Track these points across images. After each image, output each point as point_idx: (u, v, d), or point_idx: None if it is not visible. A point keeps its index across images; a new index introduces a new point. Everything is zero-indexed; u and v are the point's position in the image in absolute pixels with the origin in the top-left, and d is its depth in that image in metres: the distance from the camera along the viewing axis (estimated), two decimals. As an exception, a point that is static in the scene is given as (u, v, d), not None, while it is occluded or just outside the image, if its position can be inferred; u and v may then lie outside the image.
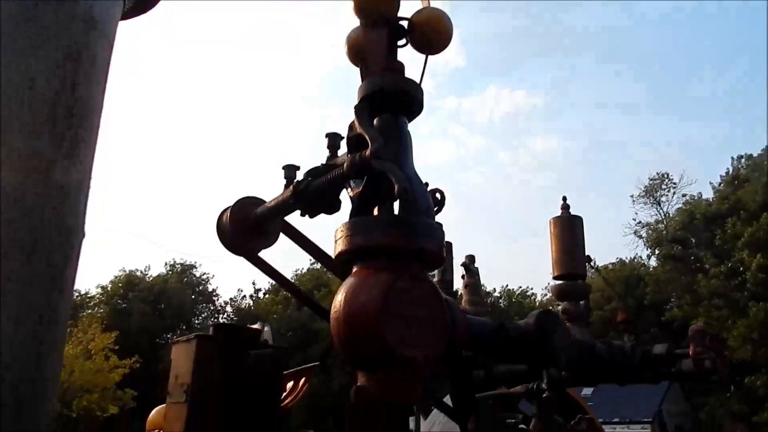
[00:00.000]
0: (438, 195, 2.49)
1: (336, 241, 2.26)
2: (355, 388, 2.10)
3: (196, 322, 62.50)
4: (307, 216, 2.70)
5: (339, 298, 2.12)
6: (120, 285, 59.24)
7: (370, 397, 2.06)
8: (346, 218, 2.32)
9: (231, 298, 62.69)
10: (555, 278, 3.66)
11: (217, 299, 64.22)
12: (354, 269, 2.23)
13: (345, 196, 2.61)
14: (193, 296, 64.27)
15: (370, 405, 2.09)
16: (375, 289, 2.04)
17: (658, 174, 47.53)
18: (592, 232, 3.81)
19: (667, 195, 45.91)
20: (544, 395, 3.39)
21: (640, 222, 45.76)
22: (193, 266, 64.60)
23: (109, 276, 60.67)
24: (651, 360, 3.22)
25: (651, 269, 41.25)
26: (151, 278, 62.14)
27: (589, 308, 3.65)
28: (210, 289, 64.87)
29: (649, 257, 44.20)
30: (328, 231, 2.41)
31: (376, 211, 2.33)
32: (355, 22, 2.63)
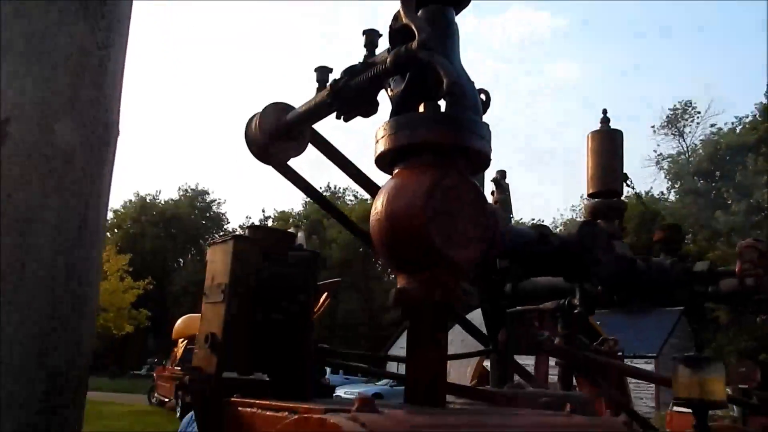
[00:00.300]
0: (483, 96, 2.37)
1: (377, 142, 2.16)
2: (395, 291, 2.03)
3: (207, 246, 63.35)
4: (342, 119, 2.59)
5: (380, 200, 2.03)
6: (133, 209, 59.99)
7: (413, 299, 2.00)
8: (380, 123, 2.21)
9: (240, 225, 63.47)
10: (590, 196, 3.56)
11: (227, 224, 65.12)
12: (395, 171, 2.14)
13: (382, 100, 2.52)
14: (203, 221, 65.19)
15: (412, 307, 2.03)
16: (420, 188, 1.95)
17: (680, 103, 46.12)
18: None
19: (690, 125, 44.62)
20: (576, 311, 3.35)
21: (660, 154, 44.75)
22: (205, 192, 65.27)
23: (120, 200, 61.47)
24: (691, 277, 3.14)
25: (667, 203, 40.67)
26: (162, 203, 62.91)
27: (623, 227, 3.56)
28: (221, 213, 65.68)
29: (669, 191, 43.46)
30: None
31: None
32: None
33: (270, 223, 58.50)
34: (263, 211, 62.51)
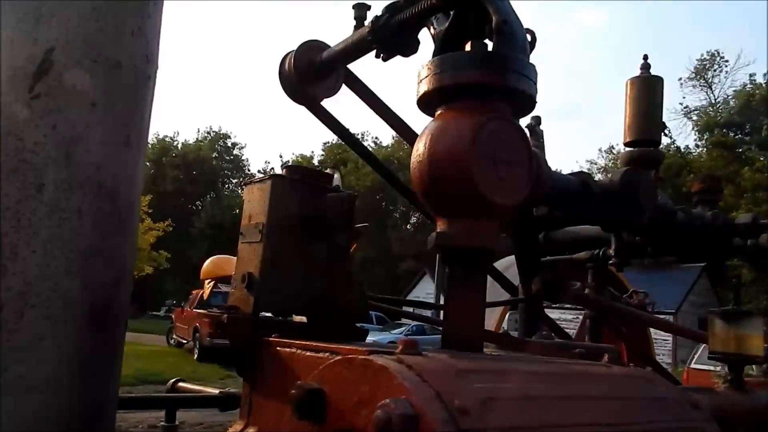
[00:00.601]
0: (529, 36, 2.28)
1: (420, 82, 2.09)
2: (435, 235, 2.00)
3: (226, 189, 64.13)
4: (381, 58, 2.53)
5: (422, 142, 1.97)
6: (151, 151, 60.22)
7: (452, 245, 1.96)
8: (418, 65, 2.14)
9: (259, 170, 63.80)
10: (626, 144, 3.47)
11: (247, 168, 65.47)
12: (438, 112, 2.07)
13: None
14: (224, 164, 65.55)
15: (452, 252, 2.00)
16: (465, 130, 1.89)
17: (708, 53, 45.25)
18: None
19: (718, 76, 43.74)
20: (611, 261, 3.30)
21: (686, 107, 43.95)
22: (227, 135, 65.44)
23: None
24: (732, 230, 3.06)
25: (692, 157, 39.97)
26: (180, 144, 63.18)
27: (660, 178, 3.48)
28: (241, 157, 66.00)
29: (697, 146, 42.67)
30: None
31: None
32: None
33: (287, 169, 58.99)
34: (281, 156, 62.59)
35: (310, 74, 2.87)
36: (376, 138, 63.96)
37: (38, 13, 1.82)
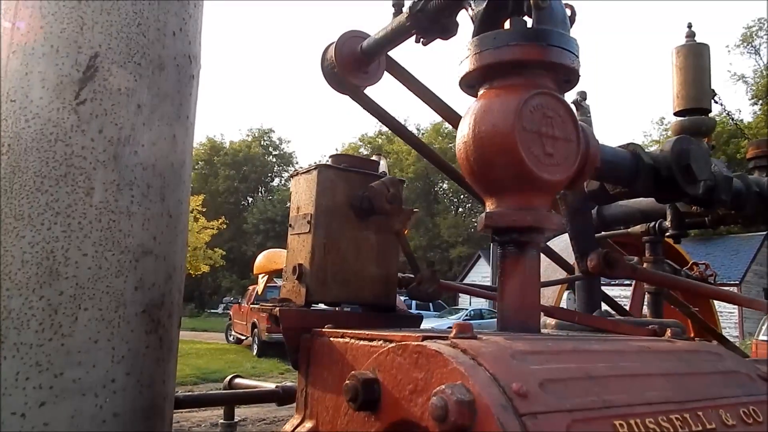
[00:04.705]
0: (568, 10, 2.23)
1: (461, 63, 2.06)
2: (484, 215, 1.97)
3: (276, 183, 65.03)
4: (421, 42, 2.51)
5: (467, 123, 1.94)
6: (203, 151, 61.35)
7: (501, 222, 1.93)
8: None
9: (311, 164, 64.45)
10: (676, 114, 3.37)
11: (296, 162, 66.26)
12: (481, 92, 2.04)
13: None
14: (272, 159, 66.47)
15: (502, 232, 1.96)
16: (509, 108, 1.86)
17: (755, 20, 44.21)
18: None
19: (767, 43, 42.62)
20: (668, 233, 3.21)
21: (735, 74, 42.91)
22: (271, 131, 66.29)
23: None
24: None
25: (745, 123, 38.88)
26: (227, 144, 64.32)
27: (713, 146, 3.37)
28: (288, 152, 66.84)
29: (754, 114, 41.46)
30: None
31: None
32: None
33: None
34: (336, 150, 63.13)
35: (352, 64, 2.86)
36: (417, 124, 63.49)
37: (81, 21, 1.85)
